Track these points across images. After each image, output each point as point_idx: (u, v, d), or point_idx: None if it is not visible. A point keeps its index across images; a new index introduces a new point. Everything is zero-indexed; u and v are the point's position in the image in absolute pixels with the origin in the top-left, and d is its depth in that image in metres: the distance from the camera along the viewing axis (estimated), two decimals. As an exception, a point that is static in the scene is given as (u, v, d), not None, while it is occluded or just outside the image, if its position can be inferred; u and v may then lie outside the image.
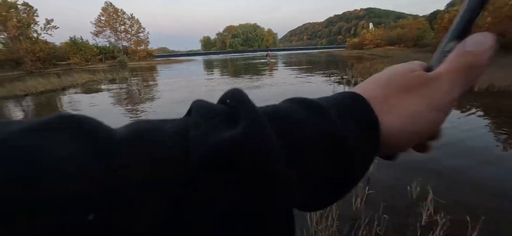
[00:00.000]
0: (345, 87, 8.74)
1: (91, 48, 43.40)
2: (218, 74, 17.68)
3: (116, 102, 8.90)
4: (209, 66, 27.25)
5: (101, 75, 18.17)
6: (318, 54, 49.16)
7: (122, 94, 10.53)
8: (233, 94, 0.18)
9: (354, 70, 11.21)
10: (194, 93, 9.27)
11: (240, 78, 13.79)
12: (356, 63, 16.33)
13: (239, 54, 79.70)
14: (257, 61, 30.24)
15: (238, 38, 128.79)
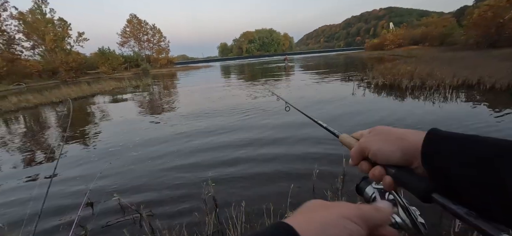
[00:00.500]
0: (365, 89, 8.49)
1: (117, 57, 46.25)
2: (235, 78, 18.00)
3: (139, 107, 9.41)
4: (227, 72, 27.80)
5: (126, 82, 19.26)
6: (335, 56, 48.19)
7: (145, 101, 11.09)
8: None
9: (375, 71, 10.84)
10: (212, 101, 9.53)
11: (258, 82, 13.92)
12: (377, 64, 15.77)
13: (255, 59, 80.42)
14: (274, 65, 30.30)
15: (254, 43, 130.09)
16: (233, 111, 6.78)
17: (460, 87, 7.47)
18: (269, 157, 3.61)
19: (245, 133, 4.80)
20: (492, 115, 4.95)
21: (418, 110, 5.65)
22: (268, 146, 4.05)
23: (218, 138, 4.63)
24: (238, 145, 4.21)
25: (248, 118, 5.92)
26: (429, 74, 8.61)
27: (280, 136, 4.47)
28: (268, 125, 5.20)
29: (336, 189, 2.54)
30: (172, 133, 5.26)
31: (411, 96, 7.00)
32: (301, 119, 5.50)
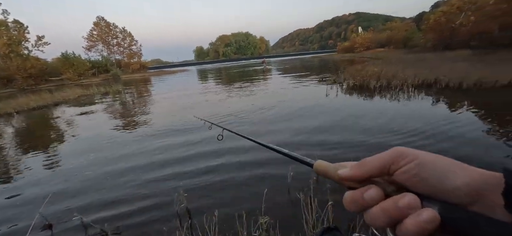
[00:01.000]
0: (338, 90, 8.88)
1: (83, 62, 43.12)
2: (213, 83, 17.75)
3: (109, 117, 8.83)
4: (204, 76, 27.33)
5: (94, 89, 18.02)
6: (310, 59, 49.86)
7: (115, 109, 10.45)
8: None
9: (346, 73, 11.40)
10: (187, 109, 9.28)
11: (237, 86, 13.87)
12: (348, 66, 16.63)
13: (233, 62, 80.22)
14: (251, 69, 30.48)
15: (231, 47, 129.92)
16: (210, 118, 6.66)
17: (421, 86, 8.14)
18: (244, 162, 3.59)
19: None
20: (450, 111, 5.45)
21: (387, 109, 6.02)
22: (243, 154, 4.03)
23: (192, 150, 4.50)
24: (213, 154, 4.12)
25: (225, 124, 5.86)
26: (394, 75, 9.26)
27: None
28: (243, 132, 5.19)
29: (308, 189, 2.59)
30: (142, 145, 5.00)
31: (379, 96, 7.46)
32: (276, 128, 5.57)
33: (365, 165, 0.27)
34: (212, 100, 9.49)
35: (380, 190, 0.25)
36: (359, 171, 0.27)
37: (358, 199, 0.26)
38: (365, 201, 0.25)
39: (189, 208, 2.45)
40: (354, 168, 0.27)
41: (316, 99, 7.68)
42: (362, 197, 0.26)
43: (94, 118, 8.56)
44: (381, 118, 5.17)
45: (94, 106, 11.20)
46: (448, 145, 3.56)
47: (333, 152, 3.63)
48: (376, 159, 0.26)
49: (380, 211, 0.24)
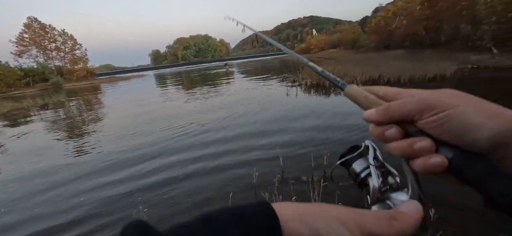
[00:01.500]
0: (297, 89, 9.32)
1: (13, 71, 36.80)
2: (174, 89, 16.89)
3: (49, 133, 7.69)
4: (163, 81, 25.84)
5: (29, 102, 15.53)
6: (271, 60, 51.31)
7: (57, 124, 9.16)
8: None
9: (304, 73, 12.07)
10: (143, 119, 8.67)
11: (200, 90, 13.45)
12: (306, 66, 17.58)
13: (193, 65, 77.72)
14: (214, 72, 29.96)
15: (191, 50, 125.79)
16: (168, 128, 6.33)
17: (368, 82, 9.09)
18: (208, 168, 3.52)
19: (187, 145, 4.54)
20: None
21: (341, 106, 6.55)
22: (210, 159, 3.95)
23: (152, 165, 4.22)
24: (177, 163, 3.94)
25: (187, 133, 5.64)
26: (345, 73, 10.16)
27: (224, 148, 4.42)
28: (206, 141, 5.07)
29: (273, 189, 2.66)
30: (87, 184, 4.49)
31: (334, 93, 8.07)
32: (236, 131, 5.58)
33: (389, 111, 0.28)
34: (173, 107, 9.04)
35: (400, 130, 0.28)
36: (383, 116, 0.29)
37: (380, 134, 0.29)
38: (386, 137, 0.29)
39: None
40: (379, 113, 0.29)
41: (278, 100, 7.94)
42: (383, 134, 0.29)
43: (32, 135, 7.34)
44: (338, 115, 5.59)
45: (26, 126, 9.51)
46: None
47: (291, 149, 3.79)
48: (402, 107, 0.27)
49: (397, 148, 0.28)
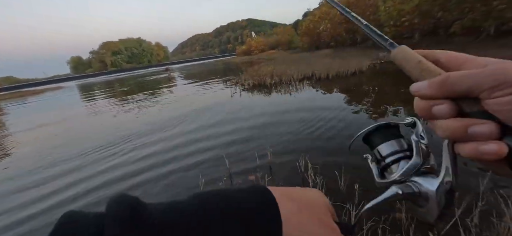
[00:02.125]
0: (241, 91, 9.48)
1: None
2: (105, 101, 14.70)
3: None
4: (89, 92, 22.21)
5: None
6: (213, 63, 50.72)
7: None
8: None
9: (246, 74, 12.39)
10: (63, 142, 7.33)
11: (140, 99, 12.12)
12: (248, 67, 18.12)
13: (127, 73, 69.69)
14: (153, 78, 27.56)
15: (122, 55, 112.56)
16: (96, 148, 5.51)
17: (303, 79, 9.99)
18: (152, 178, 3.24)
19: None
20: (326, 95, 6.98)
21: (282, 103, 6.98)
22: (156, 168, 3.63)
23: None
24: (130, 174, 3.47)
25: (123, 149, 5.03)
26: (283, 72, 10.89)
27: (166, 156, 4.12)
28: (148, 156, 4.65)
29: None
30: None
31: (275, 91, 8.55)
32: (190, 137, 5.31)
33: (448, 84, 0.22)
34: (103, 121, 7.91)
35: (454, 107, 0.22)
36: (437, 90, 0.23)
37: (426, 108, 0.23)
38: (433, 113, 0.23)
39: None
40: (434, 86, 0.23)
41: (222, 102, 7.90)
42: (430, 109, 0.23)
43: None
44: (279, 112, 5.95)
45: None
46: (333, 123, 4.55)
47: (236, 149, 3.86)
48: (465, 80, 0.21)
49: (446, 128, 0.22)
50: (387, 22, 17.98)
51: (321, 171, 2.72)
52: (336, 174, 2.56)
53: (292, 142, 3.82)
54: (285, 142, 3.83)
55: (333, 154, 3.25)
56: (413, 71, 0.25)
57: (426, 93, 0.23)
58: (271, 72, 11.19)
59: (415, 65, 0.25)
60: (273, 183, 2.70)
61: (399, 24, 16.94)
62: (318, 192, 0.30)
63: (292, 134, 4.14)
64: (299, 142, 3.78)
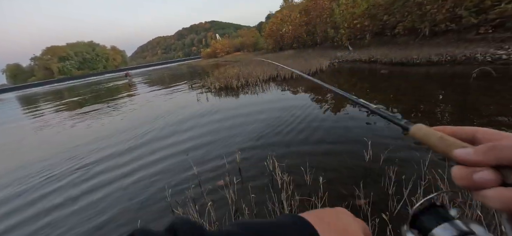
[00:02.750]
0: (207, 94, 9.29)
1: None
2: (54, 113, 12.96)
3: None
4: (33, 104, 19.36)
5: None
6: (177, 67, 48.78)
7: None
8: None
9: (212, 77, 12.20)
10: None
11: (93, 110, 10.96)
12: (215, 70, 17.86)
13: (79, 80, 62.73)
14: (111, 85, 25.31)
15: (71, 61, 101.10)
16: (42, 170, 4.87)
17: (269, 80, 10.22)
18: (114, 193, 2.98)
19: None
20: (291, 95, 7.24)
21: (250, 104, 7.03)
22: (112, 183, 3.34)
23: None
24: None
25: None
26: (249, 73, 11.00)
27: (128, 168, 3.83)
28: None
29: (187, 201, 2.57)
30: None
31: (242, 93, 8.58)
32: (155, 146, 5.02)
33: (497, 151, 0.22)
34: (53, 136, 7.00)
35: (497, 176, 0.21)
36: (485, 157, 0.22)
37: (467, 178, 0.23)
38: (474, 182, 0.22)
39: None
40: (480, 153, 0.22)
41: (187, 107, 7.65)
42: (471, 178, 0.22)
43: None
44: (247, 113, 5.98)
45: None
46: (298, 120, 4.73)
47: (204, 153, 3.79)
48: (501, 148, 0.21)
49: (496, 198, 0.21)
50: (342, 24, 19.43)
51: (288, 169, 2.82)
52: (302, 170, 2.68)
53: (259, 142, 3.88)
54: (253, 143, 3.87)
55: (299, 150, 3.40)
56: (439, 145, 0.26)
57: (471, 159, 0.23)
58: (237, 74, 11.22)
59: (438, 140, 0.26)
60: (242, 185, 2.72)
61: (352, 26, 18.44)
62: (347, 213, 0.32)
63: (260, 135, 4.20)
64: (266, 141, 3.86)
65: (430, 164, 2.49)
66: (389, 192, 2.21)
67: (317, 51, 21.84)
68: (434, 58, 9.44)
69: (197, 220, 2.07)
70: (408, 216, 0.27)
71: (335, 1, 22.13)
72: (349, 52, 16.68)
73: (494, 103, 4.21)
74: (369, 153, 2.80)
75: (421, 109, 4.46)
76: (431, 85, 6.28)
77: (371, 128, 3.82)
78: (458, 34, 11.39)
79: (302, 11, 28.13)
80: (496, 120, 3.49)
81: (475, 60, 8.25)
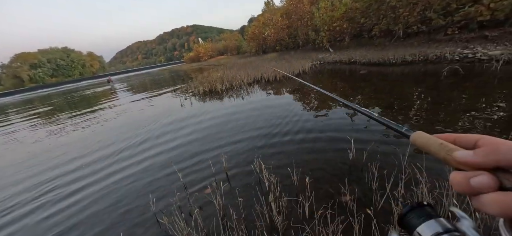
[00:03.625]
0: (191, 99, 9.13)
1: None
2: (25, 125, 12.02)
3: None
4: (1, 116, 17.85)
5: None
6: (160, 72, 47.55)
7: None
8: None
9: (196, 81, 12.02)
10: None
11: (70, 119, 10.32)
12: (198, 74, 17.62)
13: (53, 88, 58.90)
14: (89, 92, 24.02)
15: (44, 68, 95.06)
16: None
17: (253, 83, 10.25)
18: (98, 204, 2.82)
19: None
20: (276, 96, 7.29)
21: (235, 107, 7.00)
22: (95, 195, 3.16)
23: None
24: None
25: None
26: (233, 77, 10.97)
27: (112, 179, 3.65)
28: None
29: (173, 210, 2.50)
30: None
31: (227, 97, 8.52)
32: (138, 158, 4.82)
33: (498, 152, 0.22)
34: (26, 150, 6.50)
35: (494, 180, 0.22)
36: (485, 158, 0.22)
37: (465, 183, 0.23)
38: (472, 187, 0.22)
39: None
40: (480, 155, 0.23)
41: (171, 112, 7.46)
42: (469, 183, 0.22)
43: None
44: (233, 118, 5.94)
45: None
46: (284, 122, 4.76)
47: (190, 160, 3.71)
48: (502, 151, 0.21)
49: (493, 203, 0.21)
50: (322, 27, 20.01)
51: (275, 170, 2.83)
52: (289, 171, 2.70)
53: (246, 145, 3.87)
54: (239, 147, 3.85)
55: (285, 151, 3.43)
56: (439, 152, 0.27)
57: (471, 160, 0.23)
58: (222, 77, 11.15)
59: (439, 147, 0.27)
60: (230, 188, 2.68)
61: (332, 28, 19.05)
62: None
63: (246, 138, 4.19)
64: (252, 144, 3.85)
65: (409, 158, 2.61)
66: (372, 188, 2.28)
67: (299, 53, 22.29)
68: (409, 58, 9.99)
69: (184, 228, 2.02)
70: (391, 210, 0.25)
71: (315, 5, 22.79)
72: (330, 54, 17.19)
73: (462, 98, 4.52)
74: (352, 151, 2.88)
75: (398, 106, 4.69)
76: (406, 83, 6.63)
77: (354, 127, 3.95)
78: (429, 35, 12.15)
79: (284, 15, 28.67)
80: (465, 114, 3.74)
81: (445, 59, 8.83)
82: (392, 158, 2.74)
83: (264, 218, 2.13)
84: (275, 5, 39.91)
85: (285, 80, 9.93)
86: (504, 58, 6.97)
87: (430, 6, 11.62)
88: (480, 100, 4.30)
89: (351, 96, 6.18)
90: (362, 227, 1.83)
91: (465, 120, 3.51)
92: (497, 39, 8.83)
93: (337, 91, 6.90)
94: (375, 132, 3.56)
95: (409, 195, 2.11)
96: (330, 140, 3.57)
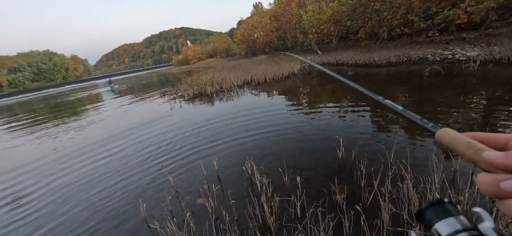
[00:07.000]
0: (180, 102, 9.02)
1: None
2: (6, 136, 11.37)
3: None
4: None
5: None
6: (148, 75, 46.58)
7: None
8: None
9: (185, 84, 11.89)
10: None
11: (55, 125, 9.88)
12: (188, 77, 17.44)
13: (34, 93, 56.20)
14: (74, 98, 23.07)
15: (25, 72, 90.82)
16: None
17: (244, 85, 10.27)
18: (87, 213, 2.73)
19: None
20: (266, 98, 7.33)
21: (225, 110, 6.97)
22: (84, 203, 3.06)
23: None
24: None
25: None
26: (223, 79, 10.94)
27: (103, 187, 3.54)
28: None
29: (165, 216, 2.47)
30: None
31: (217, 99, 8.48)
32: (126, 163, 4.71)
33: (505, 158, 0.21)
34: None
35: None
36: (503, 162, 0.21)
37: (494, 185, 0.21)
38: (501, 190, 0.21)
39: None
40: (504, 161, 0.21)
41: (161, 117, 7.34)
42: (498, 185, 0.21)
43: None
44: (224, 121, 5.92)
45: None
46: (274, 123, 4.80)
47: (180, 164, 3.68)
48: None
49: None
50: (310, 30, 20.36)
51: (266, 171, 2.86)
52: (280, 171, 2.73)
53: (237, 147, 3.87)
54: (230, 149, 3.85)
55: (276, 152, 3.46)
56: (467, 151, 0.25)
57: (502, 162, 0.21)
58: (211, 80, 11.10)
59: (466, 146, 0.25)
60: (222, 191, 2.68)
61: (319, 31, 19.43)
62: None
63: (236, 139, 4.20)
64: (244, 146, 3.87)
65: (395, 155, 2.72)
66: (361, 185, 2.35)
67: (288, 55, 22.55)
68: (393, 59, 10.35)
69: (177, 231, 2.00)
70: (379, 206, 0.25)
71: (303, 8, 23.16)
72: (318, 56, 17.50)
73: (444, 97, 4.74)
74: (341, 150, 2.96)
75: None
76: (391, 83, 6.86)
77: (342, 126, 4.05)
78: (411, 37, 12.65)
79: (272, 18, 28.93)
80: (446, 111, 3.93)
81: (427, 60, 9.22)
82: (378, 156, 2.83)
83: (256, 218, 2.14)
84: (264, 8, 40.26)
85: (274, 82, 10.01)
86: (481, 59, 7.37)
87: (412, 10, 12.10)
88: (460, 98, 4.52)
89: (340, 96, 6.32)
90: (352, 223, 1.88)
91: (448, 116, 3.69)
92: (474, 41, 9.33)
93: (325, 91, 7.04)
94: (363, 131, 3.67)
95: (395, 191, 2.19)
96: (320, 140, 3.64)
